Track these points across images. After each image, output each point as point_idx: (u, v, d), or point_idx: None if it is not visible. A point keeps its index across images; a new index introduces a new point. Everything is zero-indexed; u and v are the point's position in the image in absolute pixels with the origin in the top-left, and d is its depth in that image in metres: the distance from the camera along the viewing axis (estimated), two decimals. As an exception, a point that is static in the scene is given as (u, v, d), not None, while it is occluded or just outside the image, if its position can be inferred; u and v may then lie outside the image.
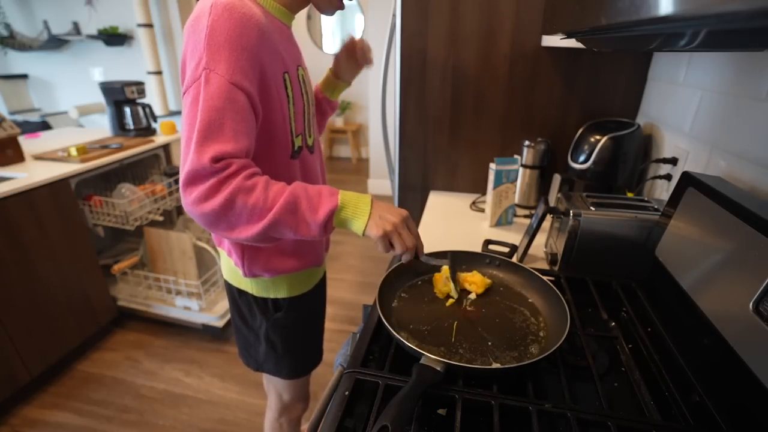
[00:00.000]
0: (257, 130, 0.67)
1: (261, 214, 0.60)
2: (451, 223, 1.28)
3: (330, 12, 0.77)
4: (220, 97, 0.58)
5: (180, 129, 1.88)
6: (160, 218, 2.05)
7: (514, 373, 0.60)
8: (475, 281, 0.81)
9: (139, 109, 2.17)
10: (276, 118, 0.71)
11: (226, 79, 0.59)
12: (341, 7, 0.76)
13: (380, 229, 0.64)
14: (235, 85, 0.60)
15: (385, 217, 0.65)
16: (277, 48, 0.68)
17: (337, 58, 1.00)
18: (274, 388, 1.09)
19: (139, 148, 2.01)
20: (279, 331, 0.93)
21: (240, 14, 0.60)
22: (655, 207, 0.88)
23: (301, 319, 0.95)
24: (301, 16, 4.41)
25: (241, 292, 0.91)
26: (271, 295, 0.89)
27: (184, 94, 0.61)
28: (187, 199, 0.59)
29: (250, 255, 0.82)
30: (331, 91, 1.05)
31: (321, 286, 1.01)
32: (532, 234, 0.97)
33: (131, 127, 2.16)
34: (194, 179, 0.58)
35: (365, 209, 0.65)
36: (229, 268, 0.89)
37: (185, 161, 0.59)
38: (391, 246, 0.66)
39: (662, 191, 1.04)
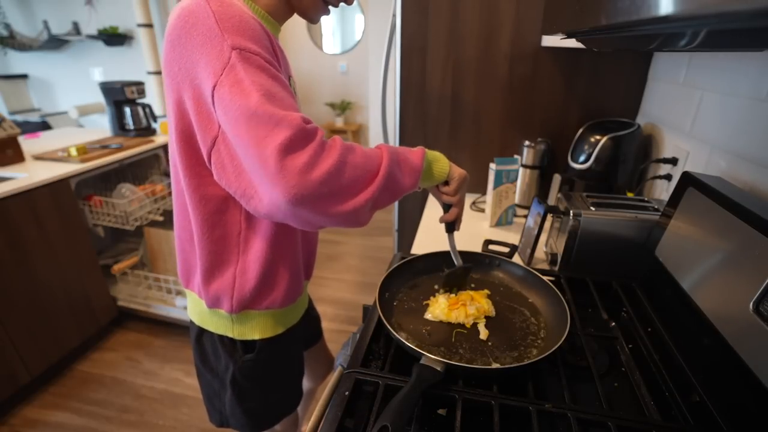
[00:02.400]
0: None
1: (373, 170, 0.54)
2: (451, 223, 1.28)
3: (316, 19, 0.70)
4: (266, 73, 0.51)
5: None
6: (160, 218, 2.05)
7: (514, 373, 0.60)
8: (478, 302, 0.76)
9: (139, 109, 2.17)
10: None
11: (262, 58, 0.51)
12: (327, 12, 0.70)
13: (461, 174, 0.71)
14: (271, 65, 0.53)
15: (458, 168, 0.72)
16: (276, 52, 0.62)
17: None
18: None
19: (139, 148, 2.01)
20: (248, 374, 0.79)
21: (239, 11, 0.54)
22: (655, 207, 0.88)
23: (275, 360, 0.81)
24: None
25: (204, 332, 0.78)
26: (243, 337, 0.76)
27: (213, 88, 0.50)
28: (292, 173, 0.47)
29: (240, 286, 0.71)
30: None
31: (301, 325, 0.88)
32: (536, 235, 0.97)
33: (131, 127, 2.16)
34: (295, 144, 0.48)
35: (439, 154, 0.70)
36: (194, 305, 0.78)
37: (264, 137, 0.47)
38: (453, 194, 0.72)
39: (662, 191, 1.04)
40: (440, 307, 0.74)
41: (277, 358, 0.82)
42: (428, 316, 0.73)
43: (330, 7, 0.69)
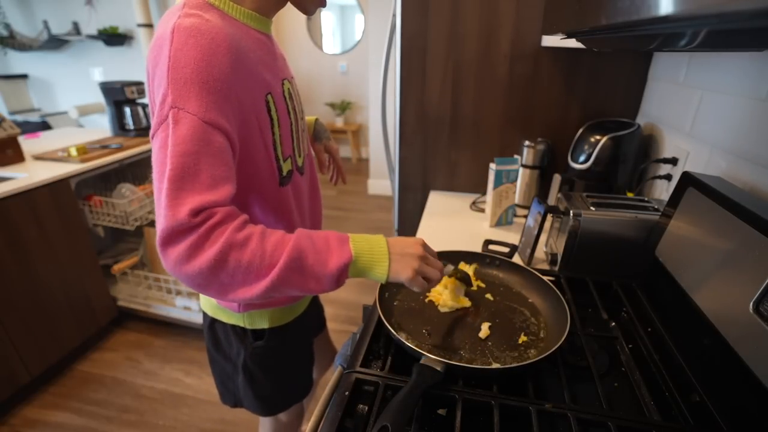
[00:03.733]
0: (237, 167, 0.58)
1: (260, 273, 0.50)
2: (451, 223, 1.28)
3: (312, 11, 0.68)
4: (192, 140, 0.49)
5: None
6: (160, 218, 2.05)
7: (514, 373, 0.60)
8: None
9: (139, 109, 2.17)
10: (257, 148, 0.62)
11: (198, 118, 0.50)
12: (323, 4, 0.68)
13: (409, 268, 0.57)
14: (210, 125, 0.51)
15: (406, 252, 0.58)
16: (256, 68, 0.60)
17: (320, 158, 0.96)
18: None
19: (139, 148, 2.01)
20: (259, 361, 0.83)
21: (208, 39, 0.51)
22: (655, 207, 0.88)
23: (285, 347, 0.85)
24: (301, 15, 4.41)
25: (216, 321, 0.83)
26: (253, 326, 0.81)
27: (152, 137, 0.52)
28: (168, 262, 0.49)
29: None
30: None
31: (308, 313, 0.92)
32: (536, 235, 0.97)
33: (131, 127, 2.16)
34: (171, 237, 0.48)
35: (382, 253, 0.57)
36: (205, 299, 0.83)
37: (158, 216, 0.49)
38: (426, 281, 0.60)
39: (662, 191, 1.04)
40: (444, 296, 0.76)
41: (286, 345, 0.85)
42: (444, 309, 0.76)
43: None
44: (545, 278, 0.79)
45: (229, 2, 0.60)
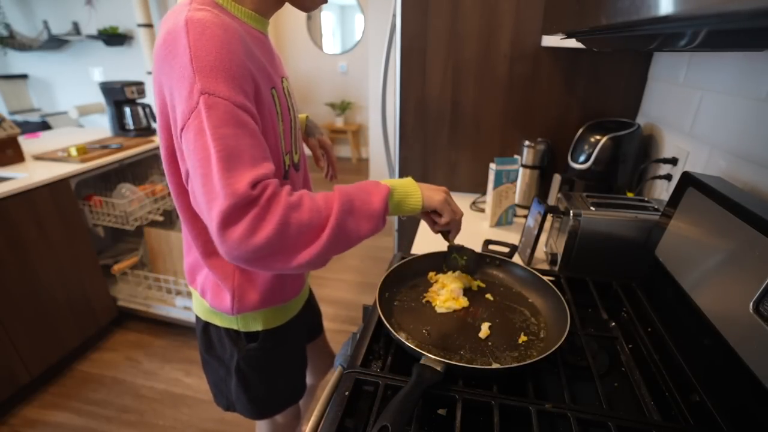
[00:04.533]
0: None
1: (321, 225, 0.53)
2: (451, 223, 1.28)
3: (311, 8, 0.70)
4: (229, 123, 0.51)
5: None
6: (160, 218, 2.05)
7: (514, 373, 0.60)
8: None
9: (139, 109, 2.17)
10: (269, 138, 0.63)
11: (230, 102, 0.51)
12: (324, 1, 0.69)
13: (440, 194, 0.67)
14: (241, 108, 0.52)
15: (433, 189, 0.67)
16: (262, 61, 0.61)
17: (315, 153, 0.98)
18: None
19: (139, 148, 2.01)
20: (252, 363, 0.83)
21: (222, 29, 0.53)
22: (655, 207, 0.88)
23: (278, 349, 0.86)
24: (301, 15, 4.41)
25: (209, 324, 0.83)
26: (247, 329, 0.81)
27: (182, 130, 0.52)
28: (231, 242, 0.49)
29: (240, 292, 0.75)
30: None
31: (302, 315, 0.92)
32: (536, 235, 0.97)
33: (131, 127, 2.16)
34: (233, 215, 0.49)
35: (414, 186, 0.65)
36: (198, 303, 0.83)
37: (210, 201, 0.50)
38: (442, 216, 0.69)
39: (662, 191, 1.04)
40: (442, 298, 0.76)
41: (279, 347, 0.86)
42: (441, 310, 0.75)
43: None
44: (545, 278, 0.79)
45: (230, 1, 0.61)
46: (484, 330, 0.69)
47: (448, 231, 0.75)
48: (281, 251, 0.52)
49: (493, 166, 1.21)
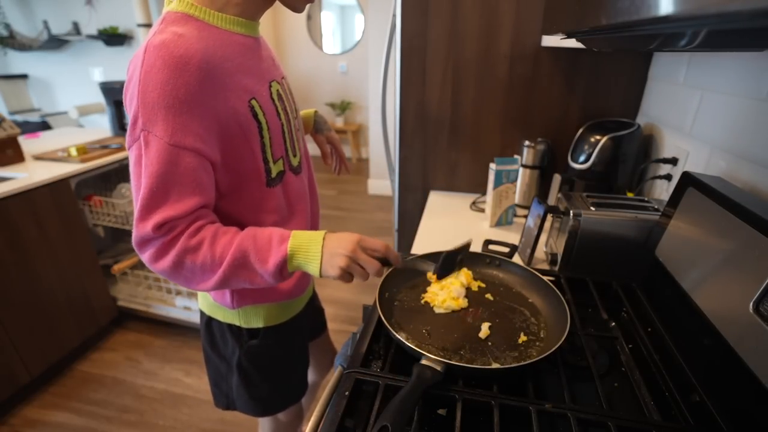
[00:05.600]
0: (221, 172, 0.64)
1: (212, 270, 0.60)
2: (451, 223, 1.28)
3: (301, 8, 0.69)
4: (160, 162, 0.55)
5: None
6: (160, 218, 2.05)
7: (514, 373, 0.60)
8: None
9: (139, 109, 2.16)
10: (241, 154, 0.64)
11: (165, 142, 0.54)
12: (311, 0, 0.68)
13: (335, 268, 0.61)
14: (176, 146, 0.55)
15: (336, 252, 0.61)
16: (234, 77, 0.61)
17: (323, 149, 1.01)
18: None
19: (139, 148, 2.01)
20: (253, 360, 0.84)
21: (176, 59, 0.53)
22: (655, 207, 0.88)
23: (279, 347, 0.87)
24: (301, 15, 4.41)
25: (212, 319, 0.84)
26: (248, 325, 0.82)
27: (128, 149, 0.58)
28: (143, 258, 0.61)
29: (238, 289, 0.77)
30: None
31: (305, 314, 0.93)
32: (536, 235, 0.97)
33: (131, 127, 2.16)
34: (141, 244, 0.59)
35: (316, 252, 0.61)
36: (202, 297, 0.85)
37: (134, 224, 0.58)
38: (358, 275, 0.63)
39: (662, 191, 1.04)
40: (439, 298, 0.76)
41: (280, 345, 0.87)
42: (440, 311, 0.75)
43: None
44: (545, 278, 0.79)
45: (210, 11, 0.60)
46: (484, 330, 0.69)
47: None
48: (179, 280, 0.61)
49: (493, 166, 1.21)
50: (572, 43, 0.92)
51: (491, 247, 1.04)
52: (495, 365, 0.62)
